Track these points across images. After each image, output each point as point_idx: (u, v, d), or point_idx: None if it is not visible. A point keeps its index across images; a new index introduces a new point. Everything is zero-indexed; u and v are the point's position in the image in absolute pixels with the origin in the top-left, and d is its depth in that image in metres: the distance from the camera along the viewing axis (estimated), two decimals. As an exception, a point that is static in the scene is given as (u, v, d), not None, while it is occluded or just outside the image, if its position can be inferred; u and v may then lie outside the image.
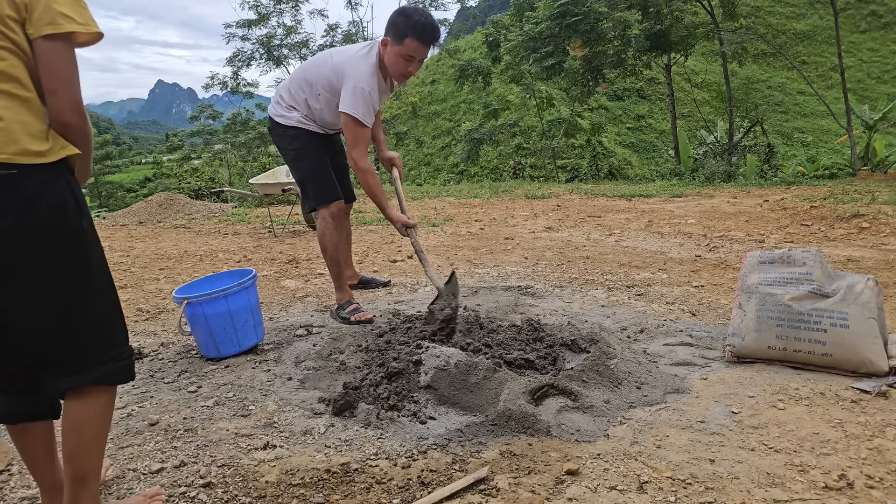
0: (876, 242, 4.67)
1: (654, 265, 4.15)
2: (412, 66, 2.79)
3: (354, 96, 2.75)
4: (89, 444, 1.29)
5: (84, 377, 1.28)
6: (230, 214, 8.09)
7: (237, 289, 2.51)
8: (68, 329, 1.25)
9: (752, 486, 1.52)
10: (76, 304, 1.26)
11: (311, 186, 3.09)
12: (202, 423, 1.94)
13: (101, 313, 1.32)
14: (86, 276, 1.28)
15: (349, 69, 2.79)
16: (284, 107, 3.01)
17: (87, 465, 1.29)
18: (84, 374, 1.27)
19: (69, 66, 1.20)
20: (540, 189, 10.04)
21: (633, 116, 30.61)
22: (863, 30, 34.23)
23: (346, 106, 2.77)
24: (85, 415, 1.29)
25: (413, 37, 2.67)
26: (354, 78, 2.76)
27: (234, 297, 2.51)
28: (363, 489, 1.55)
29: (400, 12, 2.72)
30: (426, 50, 2.76)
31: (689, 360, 2.38)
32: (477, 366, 2.06)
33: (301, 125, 3.00)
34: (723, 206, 6.97)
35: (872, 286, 2.26)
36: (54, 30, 1.17)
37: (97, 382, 1.29)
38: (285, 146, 3.07)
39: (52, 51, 1.18)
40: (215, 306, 2.46)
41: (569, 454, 1.68)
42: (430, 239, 5.57)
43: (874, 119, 13.48)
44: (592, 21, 13.47)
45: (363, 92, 2.75)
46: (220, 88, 21.62)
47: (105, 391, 1.33)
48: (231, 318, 2.50)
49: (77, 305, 1.26)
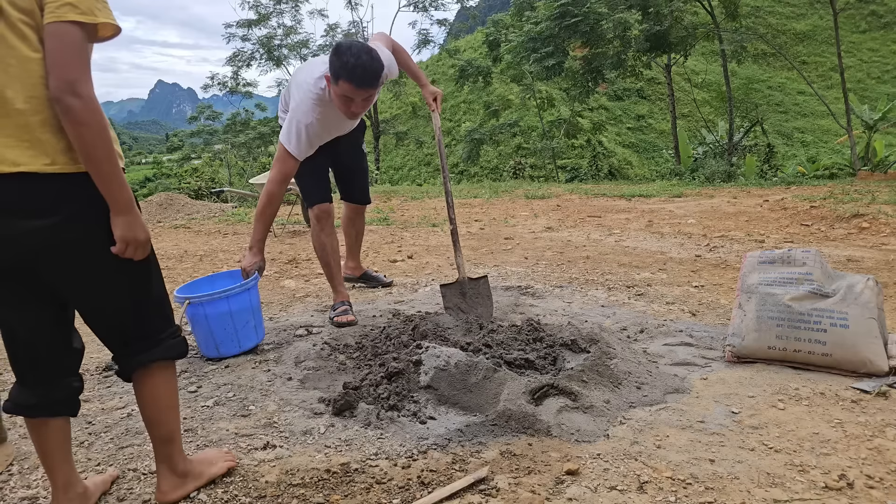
0: (876, 242, 4.67)
1: (654, 265, 4.15)
2: (354, 106, 2.54)
3: (289, 128, 2.66)
4: (166, 409, 1.50)
5: (154, 353, 1.45)
6: (230, 214, 8.09)
7: (239, 290, 2.51)
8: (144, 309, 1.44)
9: (752, 486, 1.52)
10: (148, 286, 1.43)
11: (303, 188, 3.14)
12: (202, 423, 1.94)
13: (162, 294, 1.48)
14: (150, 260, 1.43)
15: (297, 94, 2.70)
16: (282, 110, 3.01)
17: (169, 426, 1.51)
18: (153, 351, 1.45)
19: (63, 47, 1.20)
20: (540, 189, 10.04)
21: (633, 116, 30.63)
22: (863, 30, 34.24)
23: (281, 135, 2.70)
24: (156, 389, 1.48)
25: (345, 79, 2.43)
26: (294, 108, 2.68)
27: (236, 299, 2.51)
28: (363, 489, 1.55)
29: (334, 51, 2.46)
30: (363, 92, 2.48)
31: (689, 360, 2.38)
32: (477, 366, 2.06)
33: None
34: (723, 206, 6.97)
35: (872, 286, 2.26)
36: (55, 18, 1.19)
37: (164, 357, 1.47)
38: None
39: (50, 35, 1.20)
40: (217, 307, 2.46)
41: (569, 454, 1.68)
42: (430, 239, 5.57)
43: (874, 119, 13.48)
44: (592, 22, 13.48)
45: (298, 125, 2.63)
46: (220, 88, 21.65)
47: (169, 364, 1.51)
48: (232, 318, 2.49)
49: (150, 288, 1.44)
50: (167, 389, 1.50)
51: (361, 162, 3.37)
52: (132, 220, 1.32)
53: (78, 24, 1.21)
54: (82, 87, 1.20)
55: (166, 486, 1.50)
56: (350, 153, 3.25)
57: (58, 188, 1.25)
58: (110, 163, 1.26)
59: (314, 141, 2.72)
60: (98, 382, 2.32)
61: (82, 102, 1.20)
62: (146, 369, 1.46)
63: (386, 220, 6.95)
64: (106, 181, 1.26)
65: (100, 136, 1.23)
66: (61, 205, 1.26)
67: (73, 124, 1.21)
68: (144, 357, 1.44)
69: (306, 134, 2.65)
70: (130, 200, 1.31)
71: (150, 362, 1.45)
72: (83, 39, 1.22)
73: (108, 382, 2.32)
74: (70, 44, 1.20)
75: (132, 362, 1.45)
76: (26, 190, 1.23)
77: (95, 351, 2.72)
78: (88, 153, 1.24)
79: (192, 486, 1.54)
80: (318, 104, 2.66)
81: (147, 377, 1.46)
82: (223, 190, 7.92)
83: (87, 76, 1.22)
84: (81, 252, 1.31)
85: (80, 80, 1.20)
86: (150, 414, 1.49)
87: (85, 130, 1.22)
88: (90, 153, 1.24)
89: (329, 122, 2.74)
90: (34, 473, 1.67)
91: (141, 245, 1.35)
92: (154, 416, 1.48)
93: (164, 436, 1.50)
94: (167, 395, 1.50)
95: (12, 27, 1.20)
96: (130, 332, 1.43)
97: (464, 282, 2.94)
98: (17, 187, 1.22)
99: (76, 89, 1.20)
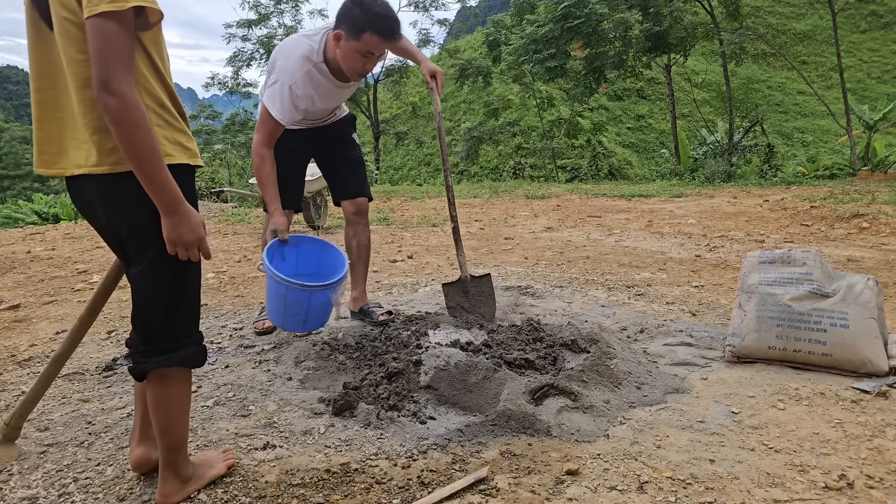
0: (876, 242, 4.67)
1: (654, 265, 4.15)
2: (369, 63, 2.46)
3: (272, 90, 2.48)
4: (178, 418, 1.47)
5: (173, 358, 1.41)
6: (230, 214, 8.09)
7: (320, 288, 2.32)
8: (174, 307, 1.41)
9: (752, 486, 1.52)
10: (183, 284, 1.40)
11: None
12: (202, 423, 1.94)
13: (195, 295, 1.45)
14: None
15: (281, 59, 2.52)
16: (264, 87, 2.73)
17: (180, 435, 1.48)
18: (172, 356, 1.41)
19: (97, 43, 1.18)
20: (540, 189, 10.04)
21: (633, 116, 30.62)
22: (863, 30, 34.23)
23: (264, 95, 2.51)
24: (170, 395, 1.45)
25: (373, 31, 2.33)
26: (279, 70, 2.49)
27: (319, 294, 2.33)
28: (363, 489, 1.55)
29: (356, 2, 2.35)
30: (388, 45, 2.44)
31: (689, 360, 2.38)
32: (477, 366, 2.06)
33: None
34: (723, 206, 6.97)
35: (872, 286, 2.26)
36: (89, 12, 1.17)
37: (183, 364, 1.43)
38: None
39: (88, 33, 1.19)
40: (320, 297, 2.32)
41: (569, 454, 1.68)
42: (431, 239, 5.57)
43: (874, 119, 13.48)
44: (594, 23, 13.49)
45: (282, 87, 2.46)
46: (220, 88, 21.63)
47: (185, 372, 1.47)
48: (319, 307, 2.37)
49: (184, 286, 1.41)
50: (181, 397, 1.48)
51: (354, 151, 2.99)
52: (177, 221, 1.28)
53: (111, 16, 1.17)
54: (116, 84, 1.17)
55: (168, 489, 1.50)
56: (338, 144, 2.95)
57: (102, 188, 1.31)
58: (150, 163, 1.22)
59: (299, 103, 2.51)
60: (98, 382, 2.32)
61: (116, 100, 1.17)
62: (163, 373, 1.42)
63: (386, 220, 6.95)
64: (147, 181, 1.24)
65: (137, 136, 1.20)
66: (108, 204, 1.33)
67: (111, 123, 1.20)
68: (163, 360, 1.41)
69: (290, 94, 2.46)
70: (175, 201, 1.27)
71: (168, 366, 1.42)
72: (119, 32, 1.18)
73: (108, 382, 2.32)
74: (104, 39, 1.17)
75: (149, 363, 1.41)
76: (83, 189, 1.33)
77: (95, 351, 2.72)
78: (127, 152, 1.22)
79: (193, 489, 1.53)
80: (303, 70, 2.49)
81: (162, 381, 1.43)
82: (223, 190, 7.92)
83: (122, 72, 1.18)
84: (130, 245, 1.37)
85: (113, 77, 1.17)
86: (161, 421, 1.46)
87: (121, 129, 1.19)
88: (130, 152, 1.21)
89: (319, 85, 2.56)
90: (34, 473, 1.67)
91: (189, 245, 1.32)
92: (165, 424, 1.46)
93: (173, 443, 1.48)
94: (180, 403, 1.48)
95: (62, 28, 1.22)
96: (160, 326, 1.40)
97: (466, 280, 2.88)
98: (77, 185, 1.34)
99: (110, 87, 1.17)
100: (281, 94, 2.46)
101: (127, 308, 3.42)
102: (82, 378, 2.37)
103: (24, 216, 11.23)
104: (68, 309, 3.44)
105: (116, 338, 2.91)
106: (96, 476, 1.64)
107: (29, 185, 28.79)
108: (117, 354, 2.62)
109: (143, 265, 1.35)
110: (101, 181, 1.29)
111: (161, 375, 1.42)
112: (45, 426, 1.94)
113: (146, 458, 1.60)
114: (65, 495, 1.55)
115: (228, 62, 20.72)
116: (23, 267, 4.55)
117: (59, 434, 1.89)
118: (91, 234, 6.21)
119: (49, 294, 3.75)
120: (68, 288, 3.93)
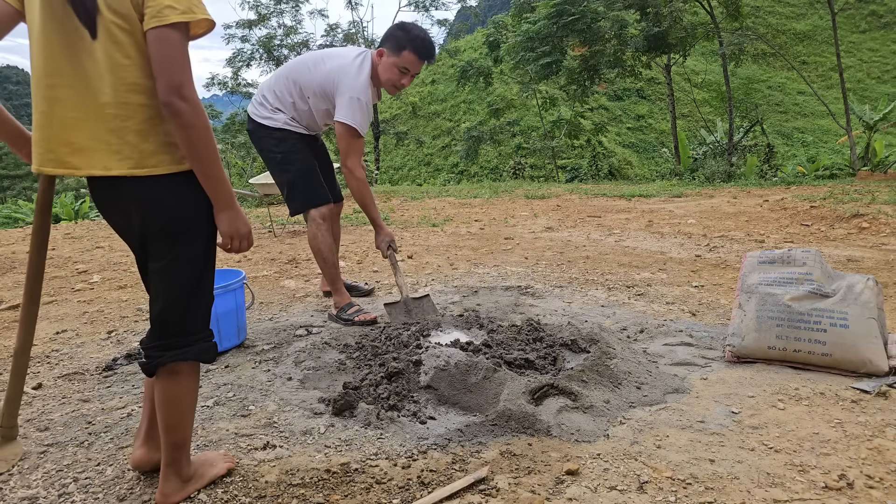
0: (876, 242, 4.67)
1: (654, 265, 4.15)
2: (405, 79, 2.88)
3: (352, 107, 2.79)
4: (185, 414, 1.48)
5: (188, 353, 1.43)
6: (230, 214, 8.07)
7: (220, 291, 2.47)
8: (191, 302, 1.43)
9: (752, 486, 1.52)
10: (199, 280, 1.42)
11: (301, 189, 3.02)
12: (202, 423, 1.94)
13: (208, 292, 1.47)
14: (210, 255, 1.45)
15: (346, 79, 2.81)
16: (269, 109, 2.94)
17: (184, 432, 1.49)
18: (187, 350, 1.43)
19: (168, 51, 1.24)
20: (540, 189, 10.05)
21: (633, 116, 30.61)
22: (863, 30, 34.22)
23: (344, 116, 2.79)
24: (180, 389, 1.46)
25: (411, 50, 2.79)
26: (352, 88, 2.80)
27: (221, 299, 2.48)
28: (363, 489, 1.55)
29: (399, 26, 2.85)
30: (421, 65, 2.85)
31: (689, 360, 2.38)
32: (477, 366, 2.06)
33: (288, 127, 2.94)
34: (723, 206, 6.97)
35: (872, 286, 2.26)
36: (158, 22, 1.23)
37: (196, 359, 1.46)
38: (271, 148, 2.98)
39: (154, 41, 1.24)
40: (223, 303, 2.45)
41: (569, 454, 1.68)
42: (431, 239, 5.57)
43: (874, 119, 13.48)
44: (589, 20, 13.47)
45: (360, 103, 2.80)
46: (220, 89, 21.62)
47: (195, 367, 1.49)
48: (217, 320, 2.48)
49: (200, 282, 1.43)
50: (190, 393, 1.49)
51: (329, 159, 3.33)
52: (234, 215, 1.39)
53: (181, 27, 1.24)
54: (188, 90, 1.25)
55: (169, 489, 1.50)
56: (322, 153, 3.24)
57: (139, 190, 1.33)
58: (214, 162, 1.32)
59: (370, 119, 2.87)
60: (98, 382, 2.32)
61: (189, 106, 1.25)
62: (174, 368, 1.44)
63: (386, 220, 6.95)
64: (211, 180, 1.33)
65: (205, 137, 1.29)
66: (144, 205, 1.35)
67: (182, 127, 1.27)
68: (178, 354, 1.43)
69: (368, 112, 2.83)
70: (232, 197, 1.37)
71: (182, 361, 1.44)
72: (184, 41, 1.26)
73: (108, 382, 2.32)
74: (175, 47, 1.24)
75: (164, 357, 1.43)
76: (112, 189, 1.35)
77: (95, 351, 2.72)
78: (194, 153, 1.30)
79: (193, 489, 1.54)
80: (368, 87, 2.84)
81: (173, 377, 1.45)
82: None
83: (191, 79, 1.27)
84: (155, 243, 1.38)
85: (185, 83, 1.25)
86: (168, 417, 1.46)
87: (192, 133, 1.28)
88: (197, 153, 1.30)
89: (370, 98, 2.91)
90: (34, 473, 1.67)
91: (244, 237, 1.42)
92: (172, 421, 1.46)
93: (177, 441, 1.48)
94: (189, 399, 1.49)
95: (108, 33, 1.25)
96: (179, 322, 1.42)
97: (407, 300, 3.00)
98: (103, 186, 1.36)
99: (183, 93, 1.25)
100: (360, 108, 2.81)
101: (127, 308, 3.43)
102: (82, 378, 2.37)
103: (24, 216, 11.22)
104: (68, 309, 3.44)
105: (116, 338, 2.91)
106: (96, 476, 1.64)
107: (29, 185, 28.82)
108: (117, 354, 2.62)
109: (165, 262, 1.39)
110: (139, 183, 1.33)
111: (172, 371, 1.44)
112: (45, 426, 1.94)
113: (147, 458, 1.60)
114: (65, 495, 1.55)
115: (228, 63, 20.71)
116: (23, 267, 4.55)
117: (59, 434, 1.89)
118: (91, 234, 6.21)
119: (49, 294, 3.74)
120: (68, 288, 3.93)
